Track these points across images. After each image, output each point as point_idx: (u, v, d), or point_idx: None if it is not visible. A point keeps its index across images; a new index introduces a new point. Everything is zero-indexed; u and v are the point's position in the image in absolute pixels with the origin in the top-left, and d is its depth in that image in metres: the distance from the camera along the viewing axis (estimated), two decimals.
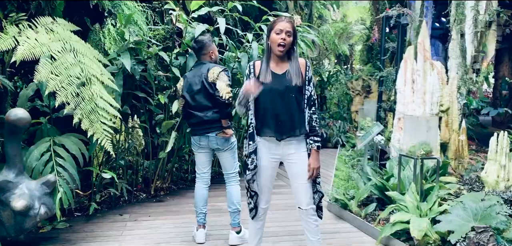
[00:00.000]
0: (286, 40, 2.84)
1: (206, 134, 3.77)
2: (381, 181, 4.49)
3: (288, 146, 2.91)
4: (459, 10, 7.09)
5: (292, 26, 2.89)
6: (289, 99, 2.84)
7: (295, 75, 2.84)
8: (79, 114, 3.37)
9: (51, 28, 3.68)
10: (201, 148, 3.86)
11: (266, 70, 2.89)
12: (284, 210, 4.84)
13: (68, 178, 3.64)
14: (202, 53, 3.92)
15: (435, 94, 5.71)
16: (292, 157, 2.92)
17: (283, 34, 2.83)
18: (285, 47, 2.84)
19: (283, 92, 2.83)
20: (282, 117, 2.85)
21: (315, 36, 6.44)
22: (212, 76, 3.72)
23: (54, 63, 3.38)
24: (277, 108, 2.84)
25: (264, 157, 2.96)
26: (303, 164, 2.90)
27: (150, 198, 5.28)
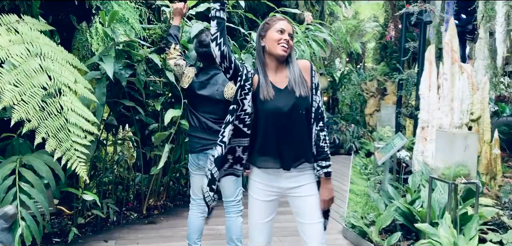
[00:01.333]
0: (289, 43, 2.25)
1: (205, 151, 3.14)
2: (406, 206, 3.84)
3: (293, 177, 2.29)
4: (488, 5, 6.38)
5: (292, 28, 2.34)
6: (297, 118, 2.22)
7: (300, 84, 2.23)
8: (43, 133, 2.77)
9: (15, 28, 3.09)
10: (199, 169, 3.22)
11: (266, 83, 2.25)
12: (293, 236, 4.21)
13: (34, 208, 3.05)
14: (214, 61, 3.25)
15: (465, 101, 5.04)
16: (298, 190, 2.30)
17: (286, 34, 2.24)
18: (288, 50, 2.25)
19: (290, 110, 2.20)
20: (289, 143, 2.23)
21: (328, 35, 5.79)
22: (230, 93, 3.12)
23: (13, 70, 2.78)
24: (282, 132, 2.22)
25: (260, 191, 2.33)
26: (313, 197, 2.29)
27: (142, 219, 4.69)
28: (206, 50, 3.18)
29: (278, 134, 2.21)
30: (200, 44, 3.23)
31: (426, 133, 5.32)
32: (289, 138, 2.23)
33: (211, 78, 3.18)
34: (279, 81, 2.27)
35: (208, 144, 3.10)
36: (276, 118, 2.20)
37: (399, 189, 4.98)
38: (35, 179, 3.17)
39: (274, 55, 2.24)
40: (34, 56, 2.95)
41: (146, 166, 4.96)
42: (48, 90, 2.89)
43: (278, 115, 2.20)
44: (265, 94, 2.21)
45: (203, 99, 3.16)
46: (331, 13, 15.32)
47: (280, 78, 2.27)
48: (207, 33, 3.28)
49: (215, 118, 3.13)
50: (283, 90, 2.24)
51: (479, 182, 3.34)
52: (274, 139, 2.22)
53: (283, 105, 2.20)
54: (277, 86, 2.26)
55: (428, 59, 5.59)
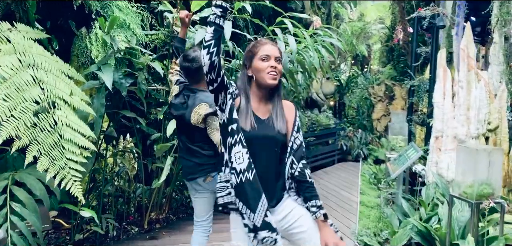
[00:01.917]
0: (278, 68, 2.05)
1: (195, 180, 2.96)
2: (423, 225, 3.61)
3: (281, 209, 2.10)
4: (503, 9, 6.13)
5: (280, 51, 2.10)
6: (269, 155, 2.06)
7: (280, 121, 2.08)
8: (35, 151, 2.56)
9: (7, 37, 2.88)
10: (198, 192, 3.02)
11: (247, 111, 2.04)
12: None
13: (26, 231, 2.84)
14: (199, 75, 2.97)
15: (482, 111, 4.80)
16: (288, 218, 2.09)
17: (272, 60, 2.04)
18: (277, 77, 2.05)
19: (268, 144, 2.04)
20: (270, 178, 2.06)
21: (337, 40, 5.57)
22: (195, 118, 2.88)
23: (3, 83, 2.58)
24: (264, 166, 2.03)
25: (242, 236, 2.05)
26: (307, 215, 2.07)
27: (143, 233, 4.47)
28: (189, 66, 2.96)
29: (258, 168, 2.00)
30: (185, 58, 2.99)
31: (440, 143, 5.08)
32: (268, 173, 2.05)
33: (188, 99, 2.96)
34: (261, 112, 2.09)
35: (196, 170, 2.91)
36: (255, 150, 2.01)
37: (412, 201, 4.75)
38: (28, 198, 2.95)
39: (262, 86, 2.06)
40: (26, 67, 2.75)
41: (148, 178, 4.76)
42: (41, 104, 2.69)
43: (257, 147, 2.02)
44: (243, 123, 2.02)
45: (179, 121, 3.00)
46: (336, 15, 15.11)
47: (262, 109, 2.10)
48: (196, 48, 3.06)
49: (192, 142, 2.94)
50: (265, 122, 2.07)
51: (505, 202, 3.11)
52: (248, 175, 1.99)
53: (262, 136, 2.03)
54: (258, 115, 2.07)
55: (442, 65, 5.36)
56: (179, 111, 2.98)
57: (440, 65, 5.45)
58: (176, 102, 3.01)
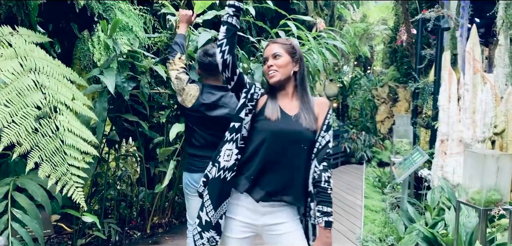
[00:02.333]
0: (275, 64, 2.04)
1: None
2: (429, 230, 3.56)
3: (271, 212, 2.04)
4: (509, 11, 6.07)
5: (282, 44, 2.09)
6: (296, 151, 2.00)
7: (310, 116, 2.03)
8: (36, 157, 2.53)
9: (8, 41, 2.84)
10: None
11: (274, 103, 2.05)
12: None
13: (27, 238, 2.80)
14: (218, 73, 2.98)
15: (488, 114, 4.74)
16: (276, 227, 2.03)
17: (270, 60, 2.05)
18: (277, 71, 2.03)
19: (292, 139, 1.99)
20: (279, 172, 1.99)
21: (341, 42, 5.52)
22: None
23: (4, 89, 2.54)
24: (275, 157, 1.98)
25: (234, 228, 2.07)
26: (295, 233, 2.02)
27: (145, 238, 4.43)
28: (211, 60, 2.94)
29: (268, 158, 1.98)
30: (205, 53, 2.97)
31: (446, 147, 5.03)
32: (280, 168, 1.99)
33: (220, 100, 2.92)
34: (289, 108, 2.06)
35: None
36: (274, 141, 1.98)
37: (417, 205, 4.70)
38: (29, 204, 2.91)
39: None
40: (28, 71, 2.71)
41: (150, 182, 4.72)
42: (42, 109, 2.65)
43: (277, 139, 1.98)
44: (270, 114, 2.00)
45: (214, 121, 2.89)
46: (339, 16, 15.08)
47: (290, 106, 2.07)
48: (213, 44, 3.03)
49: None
50: (290, 117, 2.03)
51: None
52: (261, 163, 1.99)
53: (286, 129, 1.99)
54: (285, 111, 2.04)
55: (447, 68, 5.31)
56: (216, 110, 2.91)
57: (445, 68, 5.40)
58: (209, 102, 2.92)
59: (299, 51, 2.11)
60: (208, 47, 2.99)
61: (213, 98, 2.91)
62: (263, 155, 1.99)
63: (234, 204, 2.06)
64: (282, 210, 2.04)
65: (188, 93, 2.96)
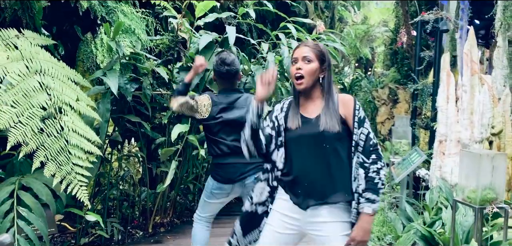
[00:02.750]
0: (305, 69, 2.05)
1: (243, 180, 2.94)
2: (427, 229, 3.62)
3: (316, 213, 2.07)
4: (507, 13, 6.13)
5: (313, 48, 2.10)
6: (323, 152, 2.03)
7: (332, 118, 2.02)
8: (42, 157, 2.60)
9: (14, 43, 2.92)
10: (227, 197, 3.05)
11: (294, 112, 2.11)
12: None
13: (32, 236, 2.87)
14: (236, 79, 3.07)
15: (486, 115, 4.80)
16: (321, 227, 2.06)
17: (299, 62, 2.07)
18: (305, 78, 2.05)
19: (314, 142, 2.03)
20: (311, 178, 2.04)
21: (340, 44, 5.59)
22: None
23: (10, 90, 2.62)
24: (304, 165, 2.05)
25: (276, 220, 2.14)
26: (340, 236, 2.03)
27: (148, 237, 4.50)
28: (229, 69, 2.99)
29: (301, 166, 2.06)
30: (222, 62, 3.00)
31: (444, 147, 5.08)
32: (311, 174, 2.05)
33: (236, 101, 2.98)
34: (310, 111, 2.11)
35: (247, 169, 2.91)
36: (299, 149, 2.06)
37: (416, 205, 4.76)
38: (34, 202, 2.99)
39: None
40: (34, 73, 2.79)
41: (152, 181, 4.79)
42: (48, 110, 2.73)
43: (301, 145, 2.06)
44: (291, 124, 2.09)
45: (233, 124, 2.94)
46: (340, 18, 15.15)
47: (313, 109, 2.11)
48: (228, 52, 3.10)
49: None
50: (312, 121, 2.08)
51: (508, 207, 3.12)
52: (295, 171, 2.08)
53: (307, 134, 2.06)
54: (306, 116, 2.10)
55: (445, 69, 5.37)
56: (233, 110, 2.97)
57: (443, 69, 5.46)
58: (226, 102, 2.98)
59: (328, 58, 2.14)
60: (224, 55, 3.03)
61: (230, 99, 2.97)
62: (295, 165, 2.08)
63: (282, 199, 2.15)
64: (328, 209, 2.06)
65: (201, 105, 2.98)
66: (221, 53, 3.14)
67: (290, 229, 2.13)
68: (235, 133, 2.91)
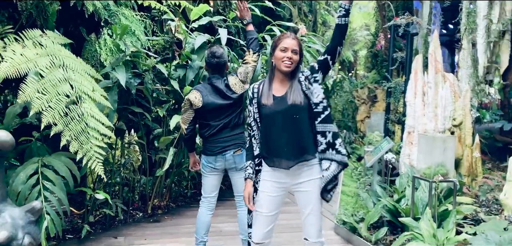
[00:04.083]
0: (293, 59, 2.58)
1: (223, 153, 3.47)
2: (392, 203, 4.21)
3: (299, 173, 2.61)
4: (470, 19, 6.79)
5: (299, 44, 2.63)
6: (292, 121, 2.56)
7: (295, 93, 2.56)
8: (68, 136, 3.10)
9: (40, 42, 3.42)
10: (215, 169, 3.55)
11: (268, 92, 2.64)
12: (289, 232, 4.56)
13: (56, 203, 3.37)
14: (223, 69, 3.62)
15: (447, 108, 5.43)
16: (303, 185, 2.63)
17: (289, 52, 2.57)
18: (293, 65, 2.59)
19: (285, 114, 2.56)
20: (288, 143, 2.56)
21: (320, 46, 6.18)
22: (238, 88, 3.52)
23: (41, 80, 3.12)
24: (281, 133, 2.57)
25: (268, 187, 2.67)
26: (315, 191, 2.61)
27: (147, 217, 5.01)
28: (218, 61, 3.55)
29: (275, 135, 2.58)
30: (213, 55, 3.56)
31: (412, 138, 5.70)
32: (287, 140, 2.57)
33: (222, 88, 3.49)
34: (281, 90, 2.62)
35: (226, 144, 3.46)
36: (272, 121, 2.58)
37: (387, 189, 5.35)
38: (56, 177, 3.49)
39: (279, 71, 2.61)
40: (58, 67, 3.29)
41: (151, 168, 5.28)
42: (70, 98, 3.23)
43: (273, 119, 2.57)
44: (265, 100, 2.61)
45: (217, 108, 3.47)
46: (323, 22, 15.76)
47: (282, 88, 2.63)
48: (218, 46, 3.68)
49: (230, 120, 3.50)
50: (282, 97, 2.59)
51: (457, 180, 3.71)
52: (272, 140, 2.60)
53: (279, 109, 2.56)
54: (276, 95, 2.62)
55: (414, 68, 5.99)
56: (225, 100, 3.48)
57: (414, 68, 6.08)
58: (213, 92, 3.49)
59: (302, 50, 2.68)
60: (214, 49, 3.60)
61: (218, 85, 3.48)
62: (269, 134, 2.60)
63: (268, 171, 2.66)
64: (304, 170, 2.60)
65: (195, 99, 3.47)
66: (212, 47, 3.69)
67: (280, 191, 2.68)
68: (220, 115, 3.48)
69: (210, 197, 3.61)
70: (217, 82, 3.51)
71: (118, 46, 4.65)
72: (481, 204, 4.54)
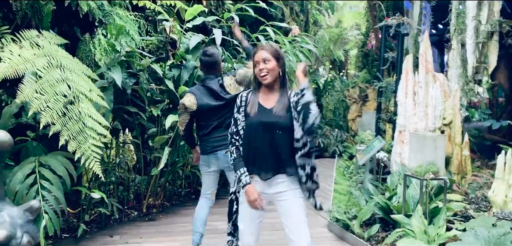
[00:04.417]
0: (267, 67, 2.55)
1: (215, 152, 3.54)
2: (384, 201, 4.30)
3: (277, 184, 2.61)
4: (459, 19, 6.92)
5: (271, 50, 2.59)
6: (275, 136, 2.54)
7: (283, 110, 2.55)
8: (66, 136, 3.14)
9: (37, 42, 3.45)
10: (209, 170, 3.63)
11: (254, 101, 2.63)
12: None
13: (54, 203, 3.40)
14: (215, 68, 3.67)
15: (438, 108, 5.54)
16: (283, 195, 2.61)
17: (261, 64, 2.56)
18: (268, 74, 2.55)
19: (268, 128, 2.54)
20: (267, 155, 2.56)
21: (313, 46, 6.25)
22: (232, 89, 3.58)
23: (39, 80, 3.15)
24: (261, 145, 2.56)
25: None
26: (296, 199, 2.60)
27: (142, 216, 5.05)
28: (208, 59, 3.62)
29: (258, 145, 2.56)
30: (204, 53, 3.64)
31: (403, 136, 5.80)
32: (267, 152, 2.55)
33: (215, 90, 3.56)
34: (269, 103, 2.60)
35: (218, 144, 3.53)
36: (255, 132, 2.56)
37: (379, 187, 5.44)
38: (54, 177, 3.52)
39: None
40: (55, 67, 3.32)
41: (146, 167, 5.32)
42: (68, 98, 3.26)
43: (258, 129, 2.56)
44: (249, 110, 2.60)
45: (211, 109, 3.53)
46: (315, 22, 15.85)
47: (270, 100, 2.60)
48: (212, 46, 3.77)
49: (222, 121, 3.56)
50: (267, 110, 2.58)
51: (447, 178, 3.80)
52: (252, 150, 2.58)
53: (263, 121, 2.55)
54: (263, 106, 2.60)
55: (405, 68, 6.09)
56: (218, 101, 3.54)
57: (404, 68, 6.18)
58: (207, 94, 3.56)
59: (282, 55, 2.64)
60: (207, 48, 3.67)
61: (212, 87, 3.54)
62: (251, 144, 2.58)
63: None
64: (283, 182, 2.58)
65: (190, 103, 3.52)
66: (205, 48, 3.77)
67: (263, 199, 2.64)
68: (214, 115, 3.55)
69: (206, 194, 3.69)
70: (211, 83, 3.57)
71: (113, 46, 4.68)
72: (470, 201, 4.64)
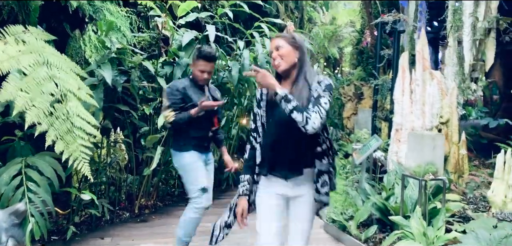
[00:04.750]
0: (280, 53, 2.34)
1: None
2: (382, 202, 4.21)
3: (299, 185, 2.41)
4: (456, 16, 6.84)
5: (285, 37, 2.39)
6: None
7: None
8: (53, 136, 3.01)
9: (23, 39, 3.30)
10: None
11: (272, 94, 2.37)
12: None
13: (41, 205, 3.28)
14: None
15: (435, 106, 5.46)
16: (300, 199, 2.43)
17: (273, 52, 2.38)
18: (281, 61, 2.34)
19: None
20: (288, 152, 2.36)
21: (308, 43, 6.15)
22: None
23: (24, 78, 3.01)
24: (281, 141, 2.36)
25: (264, 197, 2.46)
26: (309, 206, 2.44)
27: (134, 217, 4.92)
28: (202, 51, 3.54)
29: (278, 142, 2.37)
30: (200, 52, 3.53)
31: (400, 135, 5.72)
32: (288, 148, 2.35)
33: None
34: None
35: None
36: (275, 127, 2.38)
37: (375, 187, 5.35)
38: (41, 179, 3.39)
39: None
40: (42, 64, 3.18)
41: (137, 167, 5.19)
42: (55, 96, 3.13)
43: (276, 124, 2.37)
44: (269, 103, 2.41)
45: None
46: (309, 19, 15.77)
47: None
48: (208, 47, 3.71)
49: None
50: None
51: (446, 178, 3.72)
52: (275, 147, 2.38)
53: (280, 115, 2.30)
54: None
55: (402, 66, 6.01)
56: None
57: (400, 66, 6.10)
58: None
59: (299, 41, 2.36)
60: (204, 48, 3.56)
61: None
62: (272, 141, 2.39)
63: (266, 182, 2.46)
64: (304, 184, 2.38)
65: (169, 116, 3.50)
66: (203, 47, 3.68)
67: (282, 199, 2.46)
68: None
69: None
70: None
71: (103, 43, 4.54)
72: (468, 201, 4.57)
